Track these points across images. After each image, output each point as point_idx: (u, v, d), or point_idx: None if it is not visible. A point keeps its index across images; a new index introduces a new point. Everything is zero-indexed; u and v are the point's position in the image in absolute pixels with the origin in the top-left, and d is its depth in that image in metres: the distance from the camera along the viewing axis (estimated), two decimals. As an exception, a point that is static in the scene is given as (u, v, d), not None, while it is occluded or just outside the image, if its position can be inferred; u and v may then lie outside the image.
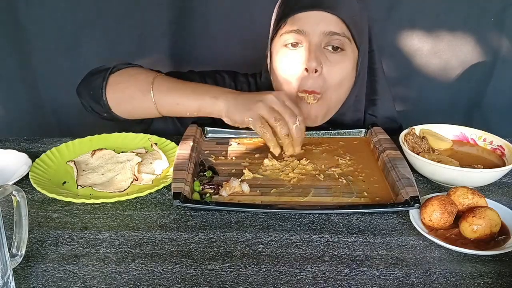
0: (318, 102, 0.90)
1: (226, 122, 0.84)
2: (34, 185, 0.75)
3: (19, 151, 0.85)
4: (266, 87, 1.00)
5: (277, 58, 0.93)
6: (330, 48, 0.88)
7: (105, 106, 0.90)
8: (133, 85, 0.89)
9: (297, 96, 0.90)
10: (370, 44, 0.97)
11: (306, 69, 0.87)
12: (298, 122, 0.80)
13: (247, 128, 0.85)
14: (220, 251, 0.63)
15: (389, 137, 0.89)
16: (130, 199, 0.74)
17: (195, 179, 0.78)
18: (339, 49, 0.89)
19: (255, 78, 1.07)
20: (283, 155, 0.85)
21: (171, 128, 1.01)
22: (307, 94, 0.89)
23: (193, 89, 0.87)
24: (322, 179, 0.80)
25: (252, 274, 0.58)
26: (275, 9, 0.96)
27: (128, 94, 0.89)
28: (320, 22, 0.87)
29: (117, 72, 0.91)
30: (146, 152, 0.87)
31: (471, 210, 0.65)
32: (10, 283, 0.53)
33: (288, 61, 0.91)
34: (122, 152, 0.86)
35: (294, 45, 0.90)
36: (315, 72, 0.87)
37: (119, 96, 0.90)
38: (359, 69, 0.93)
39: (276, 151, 0.82)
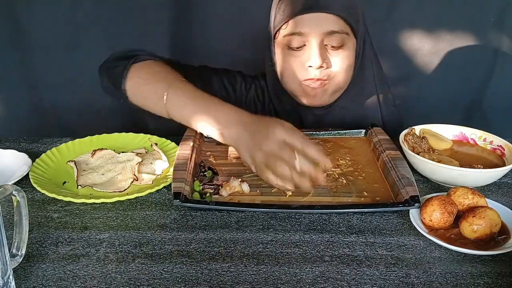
0: (325, 86, 0.94)
1: None
2: (34, 185, 0.75)
3: (19, 151, 0.85)
4: (265, 88, 1.06)
5: (282, 58, 0.96)
6: (331, 45, 0.92)
7: (123, 95, 0.89)
8: (150, 86, 0.86)
9: (303, 83, 0.94)
10: (365, 25, 0.99)
11: (310, 66, 0.92)
12: (298, 160, 0.70)
13: None
14: (220, 251, 0.63)
15: (389, 138, 0.89)
16: (130, 199, 0.74)
17: (195, 179, 0.78)
18: (340, 45, 0.92)
19: (252, 79, 1.10)
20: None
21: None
22: (313, 81, 0.93)
23: (205, 111, 0.79)
24: (322, 179, 0.80)
25: (252, 274, 0.58)
26: (273, 8, 0.96)
27: (145, 92, 0.87)
28: (320, 23, 0.90)
29: (138, 65, 0.89)
30: (146, 152, 0.87)
31: (471, 210, 0.65)
32: (10, 283, 0.53)
33: (293, 60, 0.94)
34: (122, 152, 0.86)
35: (298, 46, 0.93)
36: (320, 67, 0.91)
37: (137, 91, 0.88)
38: (358, 53, 0.97)
39: (291, 186, 0.72)
